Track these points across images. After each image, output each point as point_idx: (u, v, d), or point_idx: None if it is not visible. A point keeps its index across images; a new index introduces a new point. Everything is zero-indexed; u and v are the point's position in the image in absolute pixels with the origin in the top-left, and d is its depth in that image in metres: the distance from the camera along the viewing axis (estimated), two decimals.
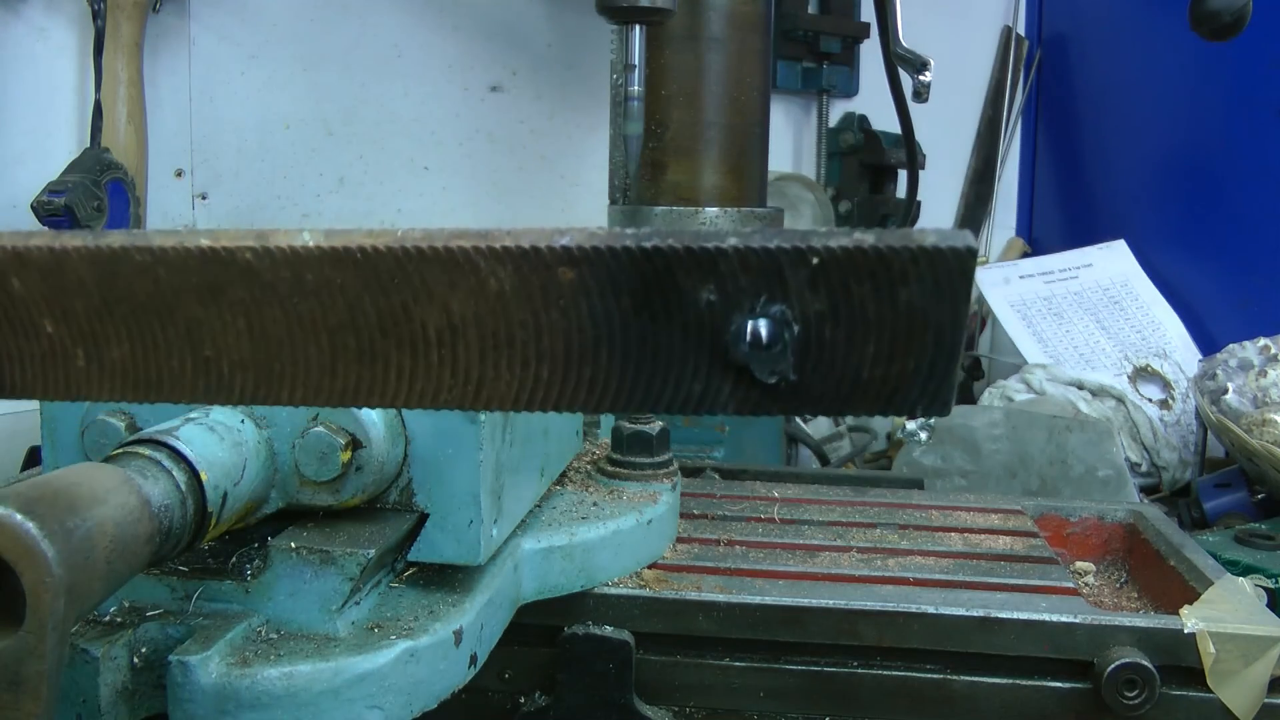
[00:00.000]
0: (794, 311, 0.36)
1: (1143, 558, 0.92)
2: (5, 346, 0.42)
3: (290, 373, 0.40)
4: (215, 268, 0.39)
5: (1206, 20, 1.16)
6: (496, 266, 0.37)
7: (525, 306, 0.38)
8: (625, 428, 0.84)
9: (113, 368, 0.41)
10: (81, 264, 0.40)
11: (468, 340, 0.39)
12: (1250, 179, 1.76)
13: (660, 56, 1.25)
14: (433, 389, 0.39)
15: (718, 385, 0.37)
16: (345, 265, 0.38)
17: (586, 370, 0.38)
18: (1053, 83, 2.28)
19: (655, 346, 0.37)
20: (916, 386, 0.36)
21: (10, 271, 0.40)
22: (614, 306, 0.37)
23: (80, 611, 0.40)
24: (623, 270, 0.37)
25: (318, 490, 0.57)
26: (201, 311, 0.40)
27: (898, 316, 0.35)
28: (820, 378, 0.36)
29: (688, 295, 0.36)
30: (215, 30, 1.69)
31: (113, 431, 0.57)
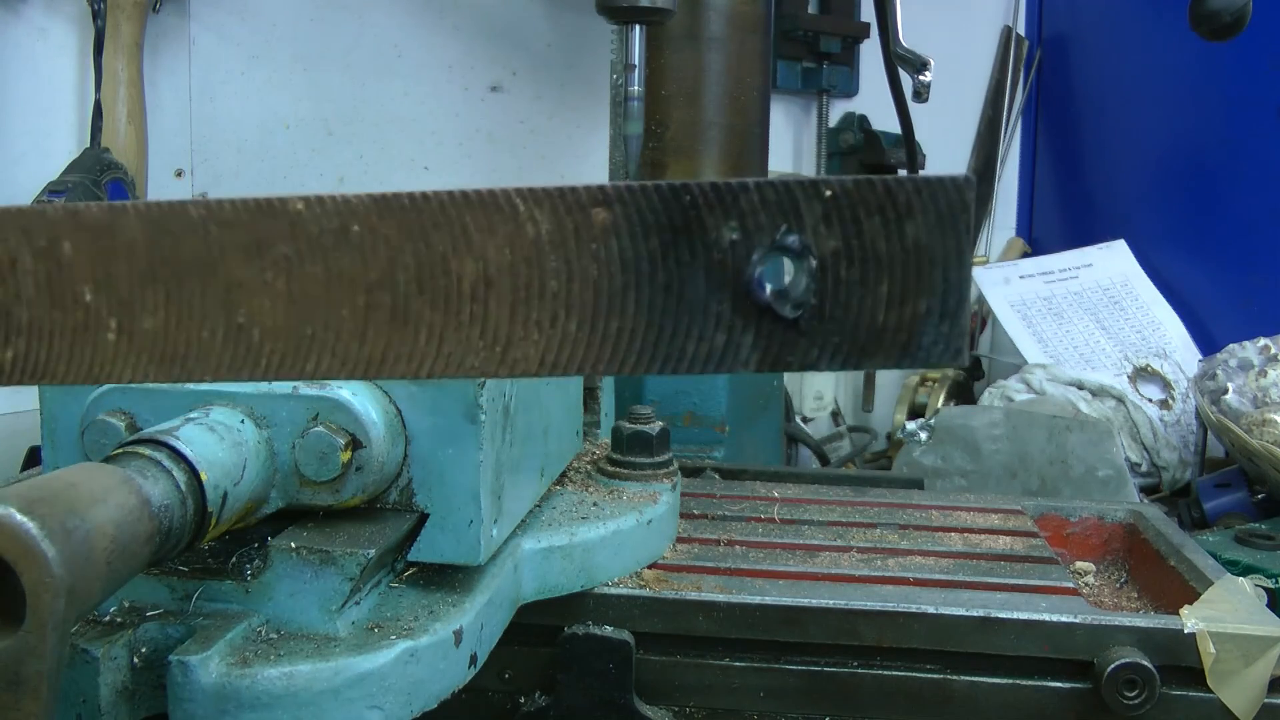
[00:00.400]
0: (811, 246, 0.38)
1: (1143, 558, 0.92)
2: (40, 320, 0.43)
3: (320, 339, 0.41)
4: (266, 220, 0.41)
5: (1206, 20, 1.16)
6: (534, 209, 0.39)
7: (559, 252, 0.39)
8: (625, 428, 0.84)
9: (143, 340, 0.42)
10: (136, 222, 0.41)
11: (500, 294, 0.40)
12: (1250, 179, 1.76)
13: (660, 56, 1.25)
14: (461, 352, 0.41)
15: (740, 336, 0.39)
16: (392, 212, 0.40)
17: (614, 323, 0.40)
18: (1053, 83, 2.28)
19: (680, 293, 0.39)
20: (930, 329, 0.38)
21: (63, 234, 0.42)
22: (643, 248, 0.39)
23: (80, 611, 0.40)
24: (653, 209, 0.39)
25: (318, 490, 0.57)
26: (243, 271, 0.41)
27: (907, 253, 0.38)
28: (838, 323, 0.38)
29: (712, 234, 0.38)
30: (215, 30, 1.69)
31: (113, 431, 0.57)
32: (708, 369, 0.40)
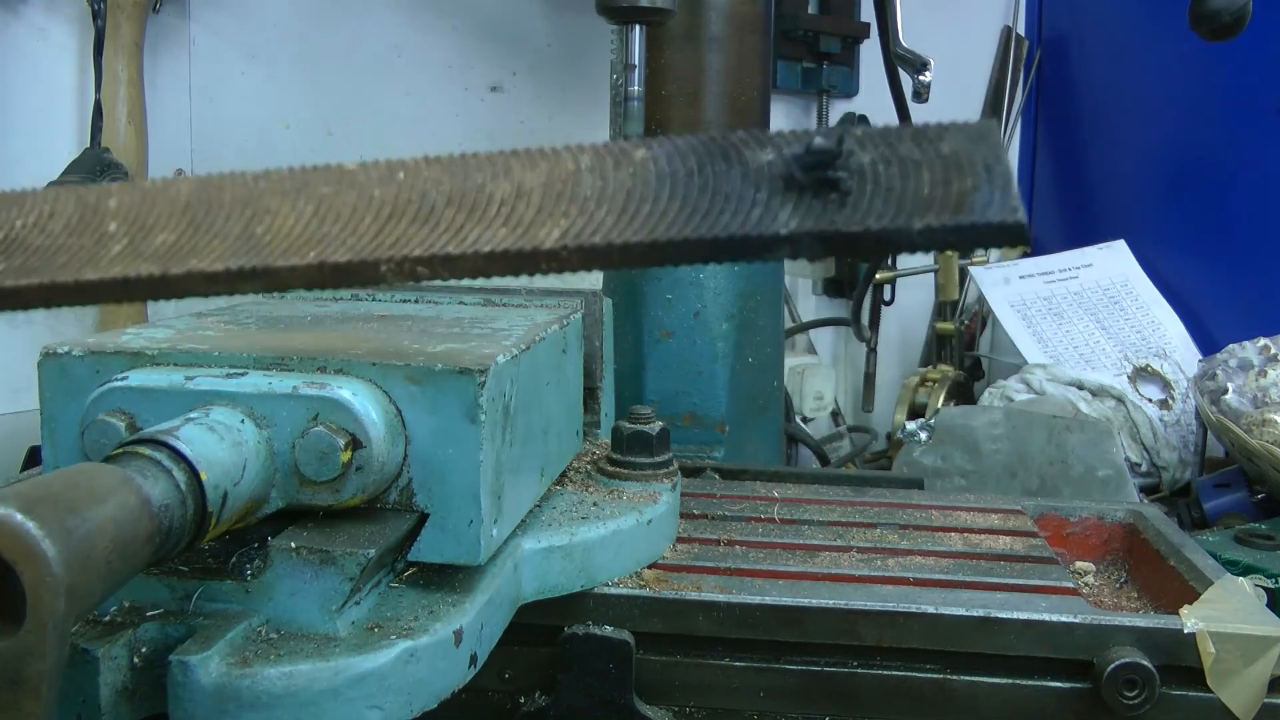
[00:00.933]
0: (846, 150, 0.39)
1: (1142, 558, 0.92)
2: (51, 244, 0.43)
3: (334, 236, 0.42)
4: (317, 173, 0.43)
5: (1206, 20, 1.16)
6: (578, 154, 0.42)
7: (595, 175, 0.41)
8: (625, 428, 0.84)
9: (147, 250, 0.43)
10: (190, 184, 0.43)
11: (531, 200, 0.42)
12: (1250, 179, 1.76)
13: (660, 56, 1.25)
14: (478, 234, 0.41)
15: (778, 208, 0.39)
16: (439, 162, 0.42)
17: (645, 208, 0.40)
18: (1053, 83, 2.28)
19: (715, 189, 0.40)
20: (980, 197, 0.38)
21: (115, 193, 0.43)
22: (679, 168, 0.41)
23: (80, 611, 0.40)
24: (690, 148, 0.41)
25: (318, 490, 0.57)
26: (277, 203, 0.42)
27: (944, 159, 0.39)
28: (883, 198, 0.39)
29: (747, 156, 0.40)
30: (215, 30, 1.69)
31: (113, 431, 0.57)
32: (745, 242, 0.39)
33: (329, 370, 0.60)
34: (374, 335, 0.69)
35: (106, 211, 0.43)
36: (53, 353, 0.61)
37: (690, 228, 0.39)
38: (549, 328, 0.75)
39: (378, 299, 0.90)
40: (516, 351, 0.66)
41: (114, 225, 0.43)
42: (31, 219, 0.43)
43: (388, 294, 0.91)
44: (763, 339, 1.31)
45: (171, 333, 0.68)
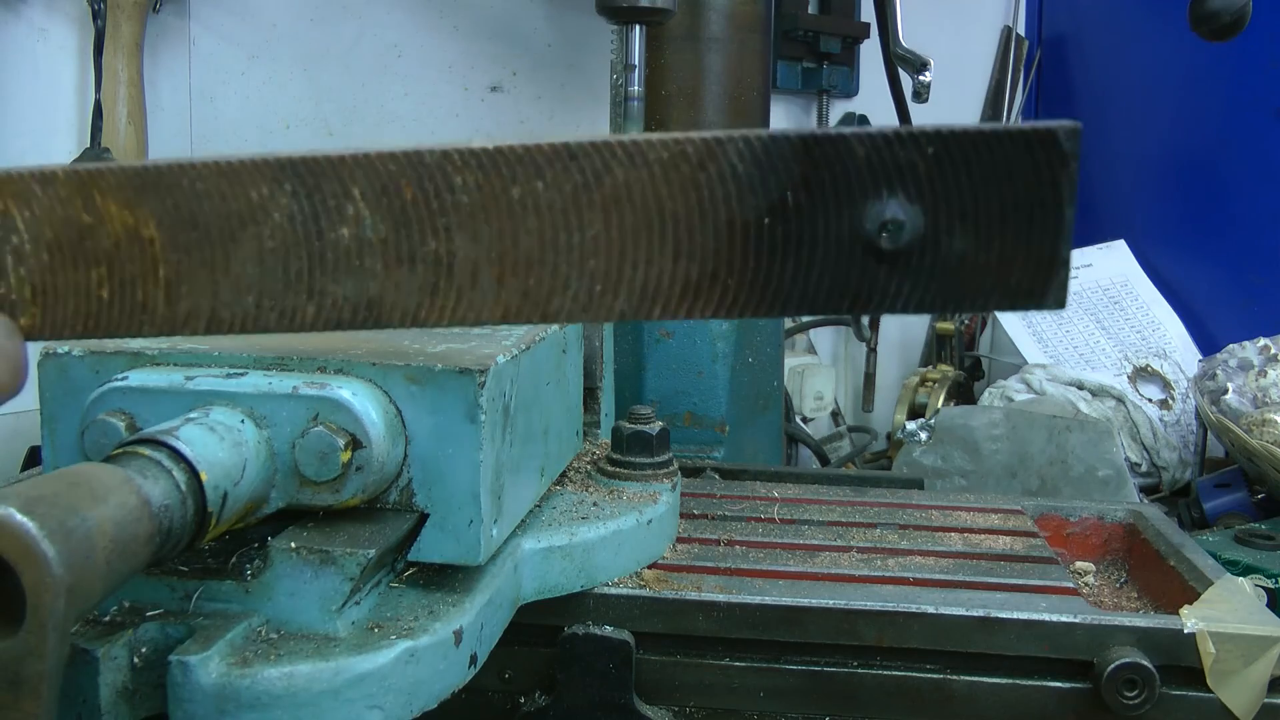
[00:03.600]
0: (917, 200, 0.38)
1: (1142, 558, 0.92)
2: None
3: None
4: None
5: (1206, 20, 1.16)
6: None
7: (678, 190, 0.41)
8: (625, 428, 0.84)
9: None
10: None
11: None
12: (1250, 179, 1.76)
13: (660, 56, 1.25)
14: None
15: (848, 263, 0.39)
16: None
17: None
18: (1053, 83, 2.28)
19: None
20: (1029, 270, 0.38)
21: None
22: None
23: (80, 611, 0.40)
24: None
25: (318, 490, 0.57)
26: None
27: (1004, 209, 0.37)
28: (930, 270, 0.38)
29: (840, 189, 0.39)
30: (215, 30, 1.69)
31: (113, 431, 0.57)
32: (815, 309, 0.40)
33: (329, 370, 0.60)
34: (374, 335, 0.69)
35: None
36: (53, 353, 0.61)
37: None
38: (549, 328, 0.75)
39: None
40: (516, 352, 0.66)
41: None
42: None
43: None
44: (763, 339, 1.31)
45: None
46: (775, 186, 0.39)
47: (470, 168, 0.43)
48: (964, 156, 0.37)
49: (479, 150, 0.43)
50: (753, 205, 0.39)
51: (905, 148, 0.38)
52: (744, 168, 0.39)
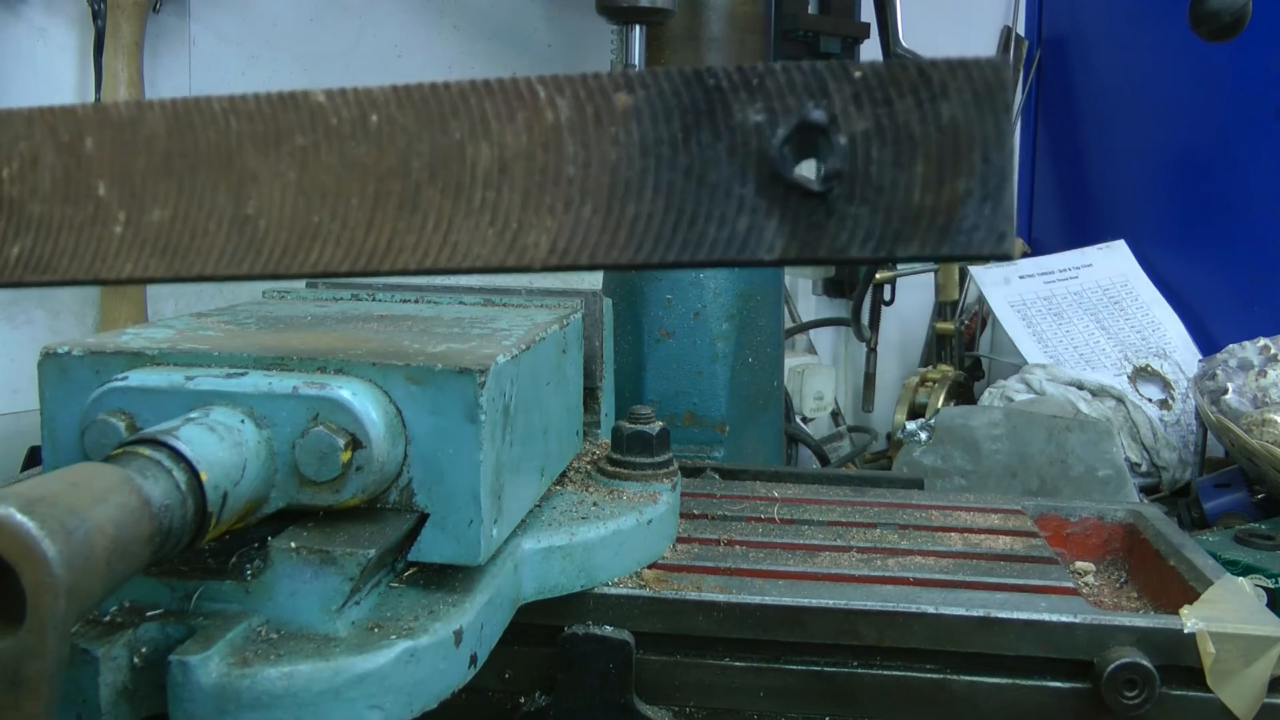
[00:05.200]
0: (840, 120, 0.36)
1: (1143, 558, 0.92)
2: (51, 215, 0.43)
3: (327, 229, 0.41)
4: (287, 112, 0.41)
5: (1206, 20, 1.16)
6: (556, 95, 0.38)
7: (578, 137, 0.38)
8: (625, 428, 0.84)
9: (149, 233, 0.42)
10: (159, 115, 0.42)
11: (514, 179, 0.39)
12: (1250, 179, 1.76)
13: (660, 56, 1.25)
14: (468, 240, 0.39)
15: (764, 219, 0.37)
16: (412, 102, 0.40)
17: (630, 208, 0.38)
18: (1053, 83, 2.28)
19: (702, 176, 0.37)
20: (971, 212, 0.36)
21: (88, 130, 0.42)
22: (664, 132, 0.37)
23: (80, 611, 0.40)
24: (675, 92, 0.37)
25: (318, 490, 0.57)
26: (258, 163, 0.41)
27: (942, 133, 0.35)
28: (870, 204, 0.36)
29: (736, 116, 0.37)
30: (215, 30, 1.69)
31: (113, 431, 0.57)
32: (729, 254, 0.37)
33: (329, 370, 0.60)
34: (374, 335, 0.69)
35: (89, 162, 0.42)
36: (53, 353, 0.61)
37: (677, 245, 0.37)
38: (549, 328, 0.75)
39: (378, 299, 0.90)
40: (516, 352, 0.66)
41: (104, 189, 0.42)
42: (15, 167, 0.42)
43: (387, 294, 0.91)
44: (763, 339, 1.31)
45: (171, 333, 0.68)
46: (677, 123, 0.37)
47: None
48: (885, 91, 0.36)
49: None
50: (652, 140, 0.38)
51: (833, 74, 0.36)
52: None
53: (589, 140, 0.38)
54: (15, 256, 0.43)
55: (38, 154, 0.42)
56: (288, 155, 0.41)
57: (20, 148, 0.43)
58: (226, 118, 0.42)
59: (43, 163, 0.42)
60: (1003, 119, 0.35)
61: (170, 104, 0.42)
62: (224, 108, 0.42)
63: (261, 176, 0.41)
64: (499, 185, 0.39)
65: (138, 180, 0.42)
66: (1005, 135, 0.35)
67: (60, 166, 0.42)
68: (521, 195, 0.39)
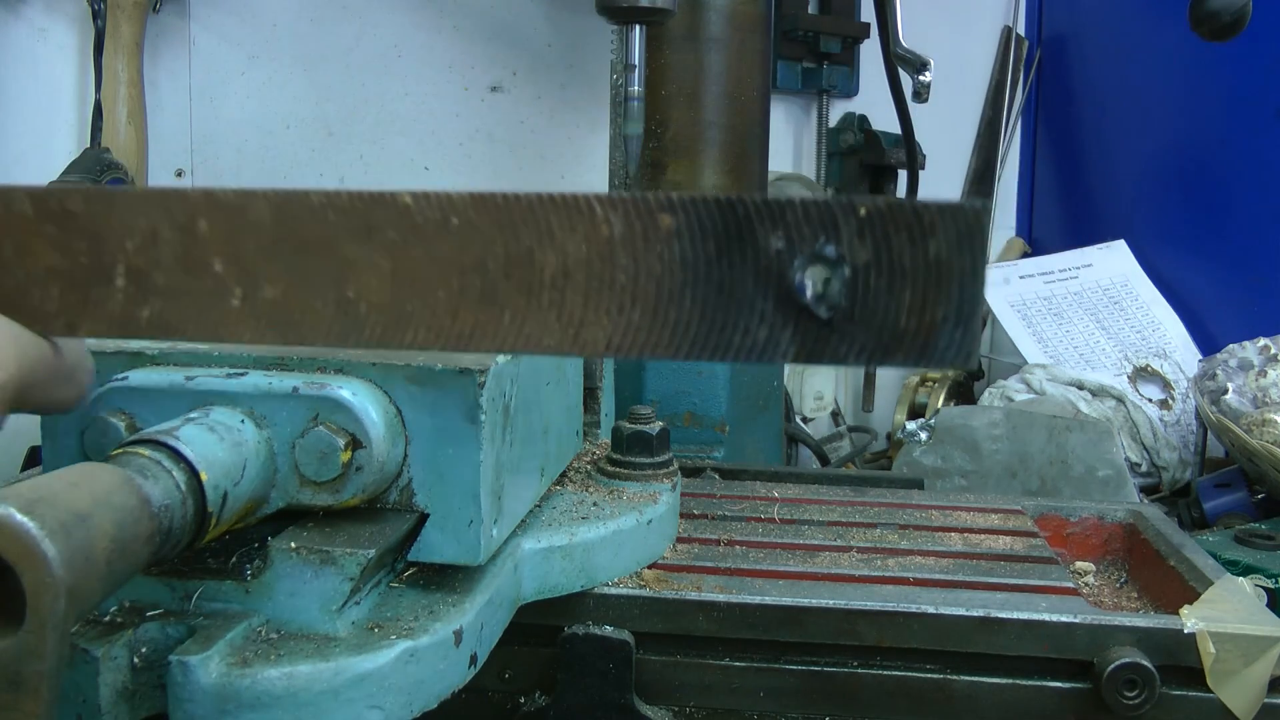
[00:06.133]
0: (846, 255, 0.43)
1: (1143, 558, 0.92)
2: (173, 283, 0.48)
3: (418, 314, 0.47)
4: (377, 209, 0.46)
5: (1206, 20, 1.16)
6: (609, 212, 0.45)
7: (629, 251, 0.45)
8: (625, 428, 0.84)
9: (263, 308, 0.47)
10: (264, 205, 0.47)
11: (576, 283, 0.45)
12: (1250, 179, 1.76)
13: (660, 56, 1.25)
14: (539, 332, 0.46)
15: (780, 331, 0.44)
16: (488, 208, 0.46)
17: (672, 314, 0.45)
18: (1053, 83, 2.28)
19: (730, 291, 0.44)
20: (945, 335, 0.43)
21: (200, 213, 0.47)
22: (701, 251, 0.44)
23: (80, 612, 0.40)
24: (711, 217, 0.44)
25: (318, 490, 0.57)
26: (355, 251, 0.47)
27: (928, 267, 0.42)
28: (865, 325, 0.43)
29: (761, 242, 0.44)
30: (215, 30, 1.69)
31: (113, 431, 0.57)
32: (750, 359, 0.45)
33: (329, 370, 0.60)
34: None
35: (204, 241, 0.48)
36: None
37: (709, 348, 0.45)
38: None
39: None
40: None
41: (219, 266, 0.48)
42: (138, 240, 0.48)
43: None
44: None
45: None
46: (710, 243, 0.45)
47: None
48: (884, 227, 0.43)
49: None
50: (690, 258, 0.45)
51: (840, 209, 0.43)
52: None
53: (638, 254, 0.45)
54: (146, 318, 0.48)
55: (156, 230, 0.48)
56: (381, 247, 0.46)
57: (140, 224, 0.48)
58: (325, 210, 0.47)
59: (161, 239, 0.48)
60: (979, 256, 0.42)
61: (273, 193, 0.47)
62: (322, 201, 0.47)
63: (359, 265, 0.47)
64: (563, 288, 0.46)
65: (249, 260, 0.47)
66: (980, 270, 0.42)
67: (178, 243, 0.48)
68: (582, 297, 0.46)
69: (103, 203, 0.48)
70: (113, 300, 0.49)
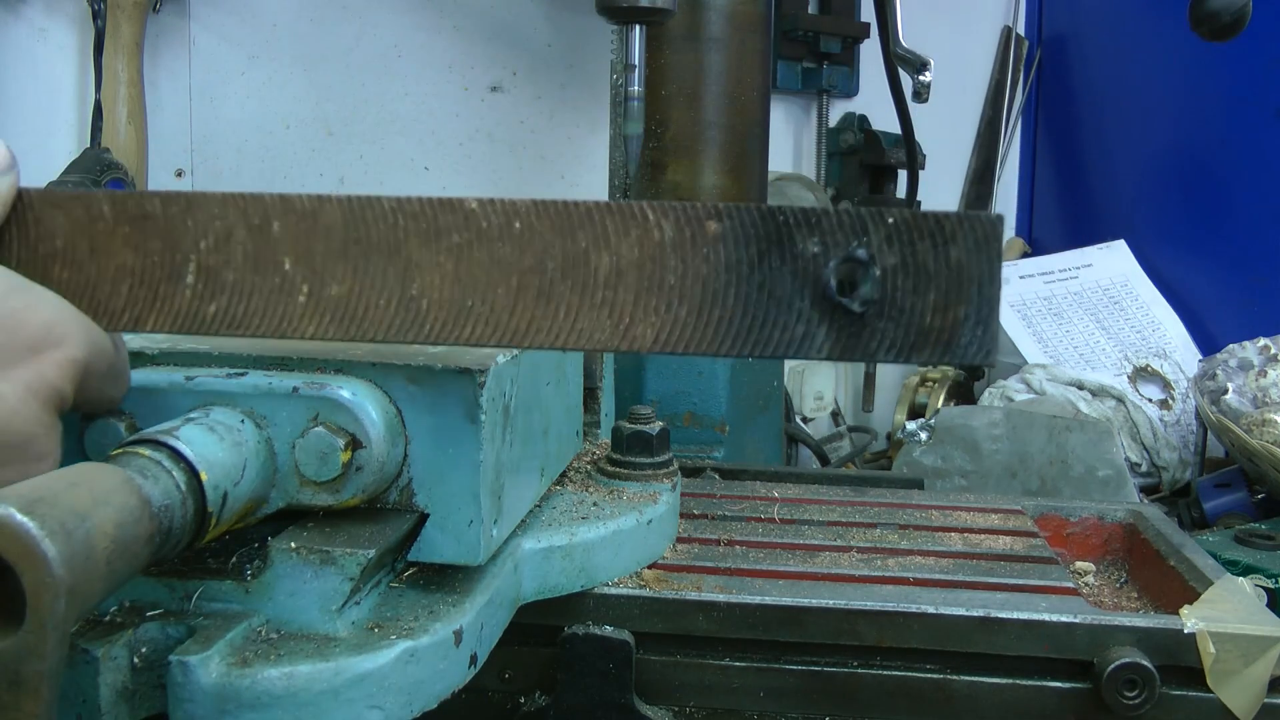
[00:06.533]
0: (876, 258, 0.47)
1: (1143, 558, 0.92)
2: (242, 282, 0.51)
3: (478, 311, 0.50)
4: (444, 213, 0.50)
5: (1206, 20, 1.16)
6: (661, 219, 0.49)
7: (678, 254, 0.48)
8: (625, 428, 0.84)
9: (328, 304, 0.50)
10: (336, 209, 0.50)
11: (628, 283, 0.49)
12: (1250, 179, 1.76)
13: (660, 56, 1.25)
14: (591, 329, 0.49)
15: (816, 328, 0.48)
16: (549, 213, 0.49)
17: (716, 312, 0.49)
18: (1053, 83, 2.28)
19: (771, 291, 0.48)
20: (967, 332, 0.47)
21: (274, 215, 0.50)
22: (744, 254, 0.48)
23: (80, 611, 0.40)
24: (754, 224, 0.48)
25: (318, 490, 0.57)
26: (420, 253, 0.50)
27: (950, 270, 0.46)
28: (894, 322, 0.47)
29: (799, 246, 0.48)
30: (215, 30, 1.69)
31: (113, 431, 0.57)
32: (789, 353, 0.48)
33: (329, 370, 0.60)
34: None
35: (276, 242, 0.50)
36: None
37: (750, 343, 0.48)
38: None
39: None
40: (517, 351, 0.66)
41: (289, 264, 0.50)
42: (211, 240, 0.51)
43: None
44: None
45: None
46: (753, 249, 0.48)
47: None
48: (910, 234, 0.47)
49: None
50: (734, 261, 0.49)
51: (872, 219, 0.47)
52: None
53: (686, 257, 0.48)
54: (212, 314, 0.51)
55: (231, 231, 0.51)
56: (446, 250, 0.50)
57: (215, 225, 0.51)
58: (395, 215, 0.50)
59: (235, 239, 0.51)
60: (995, 261, 0.46)
61: (346, 199, 0.50)
62: (393, 207, 0.50)
63: (424, 265, 0.50)
64: (615, 286, 0.49)
65: (318, 260, 0.50)
66: (997, 273, 0.46)
67: (251, 243, 0.51)
68: (633, 296, 0.49)
69: (179, 205, 0.51)
70: (180, 296, 0.51)
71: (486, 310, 0.50)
